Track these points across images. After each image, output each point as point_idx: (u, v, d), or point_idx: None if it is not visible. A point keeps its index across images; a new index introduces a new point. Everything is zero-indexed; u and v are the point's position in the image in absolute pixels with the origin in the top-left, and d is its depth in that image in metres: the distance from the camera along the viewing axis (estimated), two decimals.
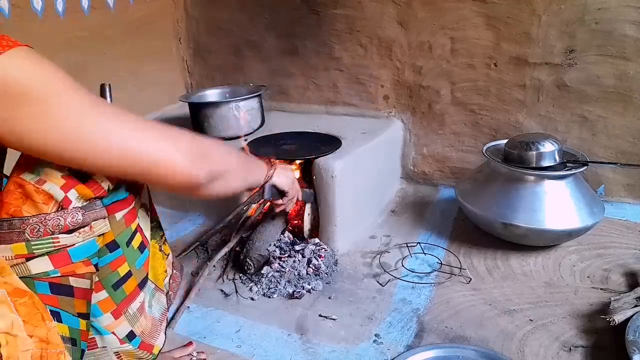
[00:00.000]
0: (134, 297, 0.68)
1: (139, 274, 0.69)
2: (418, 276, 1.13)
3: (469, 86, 1.48)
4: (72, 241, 0.58)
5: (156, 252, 0.77)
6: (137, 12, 1.68)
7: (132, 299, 0.67)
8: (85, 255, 0.60)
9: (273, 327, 0.98)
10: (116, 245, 0.64)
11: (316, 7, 1.60)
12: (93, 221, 0.60)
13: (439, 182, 1.64)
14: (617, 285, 1.05)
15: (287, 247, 1.21)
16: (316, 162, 1.21)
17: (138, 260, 0.68)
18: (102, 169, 0.58)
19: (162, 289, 0.78)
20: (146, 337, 0.70)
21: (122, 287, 0.65)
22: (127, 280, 0.66)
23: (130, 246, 0.66)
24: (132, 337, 0.68)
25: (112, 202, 0.62)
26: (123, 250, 0.65)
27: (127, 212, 0.64)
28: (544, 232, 1.11)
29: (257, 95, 1.47)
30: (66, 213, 0.57)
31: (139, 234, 0.68)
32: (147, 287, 0.73)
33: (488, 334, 0.93)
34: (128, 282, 0.66)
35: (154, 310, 0.74)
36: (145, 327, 0.70)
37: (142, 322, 0.70)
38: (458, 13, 1.41)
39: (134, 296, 0.67)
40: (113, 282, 0.65)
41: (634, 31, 1.25)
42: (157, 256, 0.77)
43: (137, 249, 0.68)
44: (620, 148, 1.37)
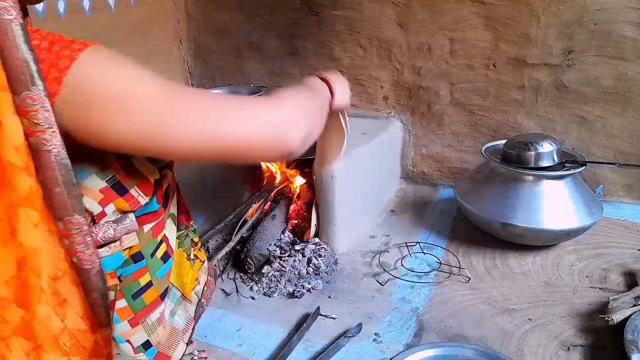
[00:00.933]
0: (155, 307, 0.66)
1: (161, 284, 0.67)
2: (417, 275, 1.13)
3: (468, 87, 1.48)
4: (100, 255, 0.57)
5: (183, 261, 0.75)
6: (138, 13, 1.68)
7: (152, 309, 0.66)
8: (110, 268, 0.59)
9: (273, 326, 0.99)
10: (141, 256, 0.63)
11: (316, 8, 1.61)
12: (124, 235, 0.59)
13: (438, 182, 1.64)
14: (615, 285, 1.05)
15: (288, 246, 1.21)
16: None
17: (160, 270, 0.67)
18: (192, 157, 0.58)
19: (190, 298, 0.76)
20: (163, 347, 0.69)
21: (141, 296, 0.64)
22: (148, 290, 0.65)
23: (155, 257, 0.65)
24: (147, 346, 0.66)
25: (142, 214, 0.61)
26: (147, 262, 0.64)
27: (155, 224, 0.63)
28: (543, 232, 1.12)
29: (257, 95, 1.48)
30: (98, 228, 0.56)
31: (164, 244, 0.67)
32: (172, 296, 0.72)
33: (487, 333, 0.93)
34: (148, 292, 0.65)
35: (178, 320, 0.73)
36: (162, 337, 0.69)
37: (160, 333, 0.68)
38: (457, 14, 1.42)
39: (155, 306, 0.66)
40: (133, 292, 0.63)
41: (632, 32, 1.25)
42: (184, 264, 0.75)
43: (160, 259, 0.67)
44: (618, 148, 1.37)
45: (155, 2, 1.75)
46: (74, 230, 0.53)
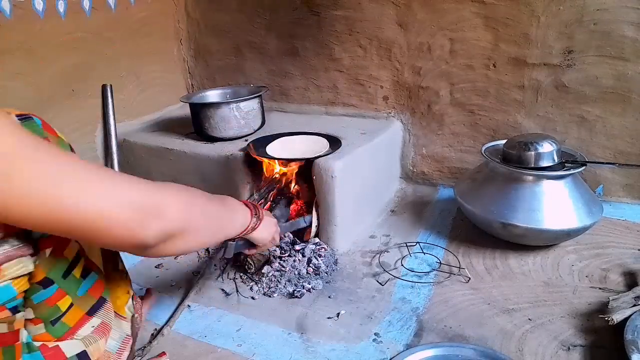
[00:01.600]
0: (82, 324, 0.62)
1: (85, 302, 0.62)
2: (417, 275, 1.13)
3: (468, 87, 1.48)
4: None
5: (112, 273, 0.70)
6: (138, 13, 1.69)
7: (78, 327, 0.62)
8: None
9: (273, 326, 0.99)
10: (50, 281, 0.57)
11: (316, 9, 1.61)
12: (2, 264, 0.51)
13: (438, 182, 1.64)
14: (615, 285, 1.05)
15: (288, 246, 1.21)
16: (316, 162, 1.22)
17: (80, 288, 0.62)
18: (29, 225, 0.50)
19: (122, 314, 0.70)
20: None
21: (61, 321, 0.60)
22: (69, 311, 0.60)
23: (70, 276, 0.60)
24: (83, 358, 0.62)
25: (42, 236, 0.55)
26: (59, 284, 0.58)
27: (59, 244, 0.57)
28: (543, 232, 1.12)
29: (257, 96, 1.48)
30: None
31: (82, 260, 0.62)
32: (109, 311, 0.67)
33: (487, 333, 0.93)
34: (69, 313, 0.60)
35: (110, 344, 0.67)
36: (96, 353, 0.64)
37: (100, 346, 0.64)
38: (457, 14, 1.42)
39: (82, 324, 0.62)
40: (52, 318, 0.59)
41: (632, 32, 1.25)
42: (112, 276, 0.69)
43: (79, 277, 0.61)
44: (618, 148, 1.37)
45: (155, 2, 1.76)
46: None
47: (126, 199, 0.53)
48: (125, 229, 0.53)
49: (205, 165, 1.42)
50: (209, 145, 1.45)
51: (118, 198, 0.52)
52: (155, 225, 0.55)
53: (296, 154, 1.30)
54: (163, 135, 1.58)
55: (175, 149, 1.47)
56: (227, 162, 1.37)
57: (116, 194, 0.52)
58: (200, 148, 1.44)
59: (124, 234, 0.53)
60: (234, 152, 1.36)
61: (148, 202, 0.55)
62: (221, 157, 1.38)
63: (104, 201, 0.51)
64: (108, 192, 0.52)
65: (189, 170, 1.47)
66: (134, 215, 0.53)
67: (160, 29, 1.81)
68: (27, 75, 1.32)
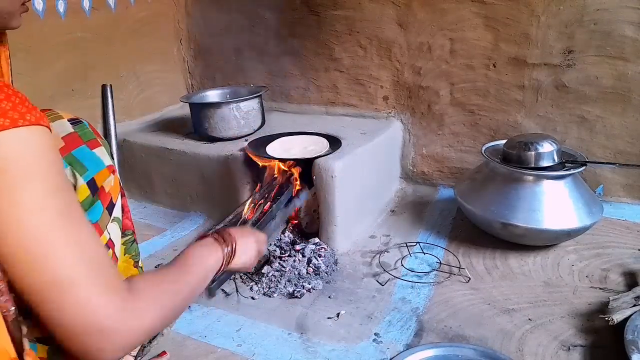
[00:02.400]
0: None
1: None
2: (417, 275, 1.13)
3: (468, 87, 1.48)
4: None
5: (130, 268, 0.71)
6: (138, 13, 1.69)
7: None
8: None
9: (273, 326, 0.99)
10: None
11: (316, 9, 1.61)
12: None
13: (438, 182, 1.64)
14: (615, 285, 1.05)
15: (288, 246, 1.22)
16: (316, 162, 1.22)
17: None
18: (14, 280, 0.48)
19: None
20: None
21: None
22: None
23: None
24: None
25: None
26: None
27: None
28: (543, 232, 1.12)
29: (257, 96, 1.48)
30: None
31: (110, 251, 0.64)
32: None
33: (487, 333, 0.93)
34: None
35: None
36: None
37: None
38: (457, 14, 1.42)
39: None
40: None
41: (632, 32, 1.25)
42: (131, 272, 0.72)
43: None
44: (618, 148, 1.37)
45: (155, 2, 1.76)
46: None
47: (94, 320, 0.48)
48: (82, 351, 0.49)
49: (205, 165, 1.42)
50: (209, 145, 1.45)
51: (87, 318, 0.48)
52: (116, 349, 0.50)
53: (296, 154, 1.30)
54: (163, 135, 1.58)
55: (175, 149, 1.47)
56: (227, 162, 1.37)
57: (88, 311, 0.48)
58: (200, 148, 1.44)
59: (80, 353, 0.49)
60: (234, 152, 1.36)
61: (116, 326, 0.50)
62: (221, 157, 1.38)
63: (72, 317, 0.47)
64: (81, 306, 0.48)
65: (189, 170, 1.47)
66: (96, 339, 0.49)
67: (160, 29, 1.81)
68: (27, 75, 1.32)
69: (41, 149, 0.49)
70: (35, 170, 0.48)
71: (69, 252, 0.48)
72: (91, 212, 0.61)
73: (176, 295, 0.62)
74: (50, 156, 0.50)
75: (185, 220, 1.49)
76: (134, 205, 1.60)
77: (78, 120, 0.63)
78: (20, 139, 0.47)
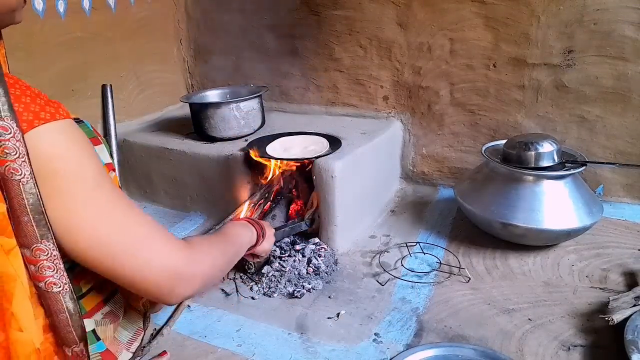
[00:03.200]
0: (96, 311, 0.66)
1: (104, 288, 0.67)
2: (417, 275, 1.13)
3: (468, 87, 1.48)
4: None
5: None
6: (138, 13, 1.69)
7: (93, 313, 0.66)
8: None
9: (273, 326, 0.99)
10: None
11: (316, 9, 1.61)
12: None
13: (438, 182, 1.64)
14: (615, 285, 1.05)
15: (288, 246, 1.22)
16: (316, 162, 1.22)
17: None
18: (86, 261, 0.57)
19: (137, 306, 0.74)
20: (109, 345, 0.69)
21: (80, 301, 0.63)
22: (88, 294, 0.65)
23: None
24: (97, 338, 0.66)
25: None
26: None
27: None
28: (543, 232, 1.12)
29: (257, 96, 1.48)
30: None
31: None
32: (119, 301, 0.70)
33: (487, 333, 0.93)
34: (89, 296, 0.65)
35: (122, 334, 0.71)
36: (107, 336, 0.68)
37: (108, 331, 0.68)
38: (457, 14, 1.42)
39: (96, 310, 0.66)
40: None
41: (632, 32, 1.25)
42: None
43: None
44: (618, 148, 1.37)
45: (155, 2, 1.76)
46: (42, 257, 0.52)
47: (166, 266, 0.60)
48: (156, 292, 0.61)
49: (205, 165, 1.42)
50: (209, 145, 1.45)
51: (160, 265, 0.60)
52: (182, 292, 0.63)
53: (296, 154, 1.30)
54: (163, 135, 1.58)
55: (175, 149, 1.47)
56: (227, 162, 1.37)
57: (160, 260, 0.60)
58: (200, 148, 1.44)
59: (153, 294, 0.61)
60: (234, 152, 1.36)
61: (182, 272, 0.62)
62: (221, 157, 1.38)
63: (148, 267, 0.58)
64: (154, 257, 0.59)
65: (189, 170, 1.47)
66: (167, 283, 0.61)
67: (160, 29, 1.81)
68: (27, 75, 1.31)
69: (81, 139, 0.56)
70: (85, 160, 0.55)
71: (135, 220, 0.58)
72: None
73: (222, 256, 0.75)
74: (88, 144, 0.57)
75: (185, 220, 1.49)
76: None
77: (79, 120, 0.65)
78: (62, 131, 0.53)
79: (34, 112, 0.51)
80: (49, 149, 0.51)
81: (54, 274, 0.54)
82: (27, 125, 0.50)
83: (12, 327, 0.51)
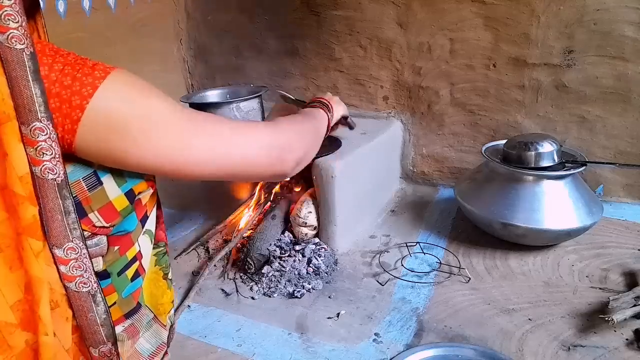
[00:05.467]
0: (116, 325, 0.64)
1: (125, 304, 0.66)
2: (417, 275, 1.13)
3: (468, 87, 1.48)
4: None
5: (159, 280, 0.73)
6: (138, 13, 1.69)
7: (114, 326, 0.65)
8: None
9: (273, 326, 0.99)
10: (107, 274, 0.61)
11: (316, 9, 1.61)
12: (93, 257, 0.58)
13: (438, 182, 1.64)
14: (615, 285, 1.05)
15: (288, 246, 1.21)
16: (316, 162, 1.22)
17: (126, 289, 0.65)
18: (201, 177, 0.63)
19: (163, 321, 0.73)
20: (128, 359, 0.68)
21: None
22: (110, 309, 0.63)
23: (123, 275, 0.63)
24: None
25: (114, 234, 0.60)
26: (112, 280, 0.62)
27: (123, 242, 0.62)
28: (543, 232, 1.12)
29: (257, 96, 1.47)
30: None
31: (137, 262, 0.65)
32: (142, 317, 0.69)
33: (487, 333, 0.93)
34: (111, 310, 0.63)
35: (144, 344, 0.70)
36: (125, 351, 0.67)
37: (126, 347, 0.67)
38: (457, 14, 1.42)
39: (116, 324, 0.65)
40: None
41: (632, 32, 1.25)
42: (159, 284, 0.73)
43: (129, 278, 0.65)
44: (618, 148, 1.37)
45: (155, 2, 1.76)
46: (73, 256, 0.53)
47: (263, 144, 0.66)
48: (269, 166, 0.67)
49: None
50: None
51: (257, 144, 0.66)
52: (290, 157, 0.70)
53: None
54: None
55: None
56: None
57: (254, 140, 0.66)
58: None
59: (268, 170, 0.68)
60: None
61: (278, 142, 0.69)
62: None
63: (247, 149, 0.64)
64: (248, 141, 0.65)
65: None
66: (272, 154, 0.68)
67: (160, 29, 1.81)
68: None
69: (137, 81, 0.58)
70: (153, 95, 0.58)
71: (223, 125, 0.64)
72: (127, 221, 0.61)
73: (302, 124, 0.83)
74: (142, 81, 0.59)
75: (185, 219, 1.49)
76: None
77: None
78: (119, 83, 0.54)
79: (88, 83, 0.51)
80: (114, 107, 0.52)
81: (84, 274, 0.54)
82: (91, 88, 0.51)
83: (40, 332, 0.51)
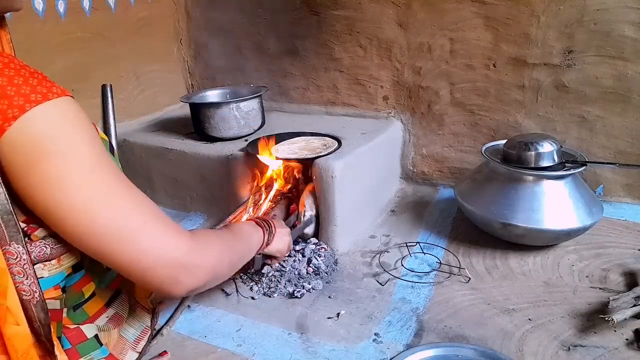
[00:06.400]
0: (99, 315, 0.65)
1: (105, 293, 0.66)
2: (417, 275, 1.13)
3: (468, 87, 1.48)
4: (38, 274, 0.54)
5: None
6: (138, 13, 1.69)
7: (96, 317, 0.65)
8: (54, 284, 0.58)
9: (273, 326, 0.99)
10: (80, 266, 0.61)
11: (316, 8, 1.61)
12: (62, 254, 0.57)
13: (438, 182, 1.64)
14: (615, 285, 1.05)
15: None
16: (316, 162, 1.22)
17: (104, 278, 0.65)
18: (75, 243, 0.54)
19: (145, 305, 0.73)
20: (113, 350, 0.67)
21: (82, 307, 0.63)
22: (91, 300, 0.64)
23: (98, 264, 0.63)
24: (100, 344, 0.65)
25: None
26: (87, 270, 0.61)
27: None
28: (543, 232, 1.12)
29: (257, 95, 1.48)
30: (33, 247, 0.54)
31: None
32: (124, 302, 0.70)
33: (487, 333, 0.93)
34: (91, 302, 0.64)
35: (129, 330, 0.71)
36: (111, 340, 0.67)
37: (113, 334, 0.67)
38: (457, 14, 1.42)
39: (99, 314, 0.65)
40: (75, 304, 0.62)
41: (632, 32, 1.25)
42: None
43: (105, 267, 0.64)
44: (618, 148, 1.37)
45: (155, 2, 1.76)
46: (12, 260, 0.50)
47: (170, 257, 0.56)
48: (157, 282, 0.56)
49: (205, 165, 1.42)
50: (209, 145, 1.45)
51: (159, 254, 0.55)
52: (186, 283, 0.58)
53: (296, 154, 1.30)
54: (163, 135, 1.58)
55: (175, 149, 1.47)
56: (227, 162, 1.37)
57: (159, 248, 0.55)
58: (200, 148, 1.44)
59: (154, 285, 0.57)
60: (234, 152, 1.36)
61: (184, 262, 0.58)
62: (221, 157, 1.38)
63: (143, 256, 0.54)
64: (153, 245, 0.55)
65: (189, 170, 1.47)
66: (171, 273, 0.57)
67: (160, 29, 1.81)
68: None
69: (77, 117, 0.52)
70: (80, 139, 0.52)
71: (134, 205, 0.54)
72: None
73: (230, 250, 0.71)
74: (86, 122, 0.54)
75: (185, 220, 1.49)
76: None
77: None
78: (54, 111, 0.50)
79: (25, 95, 0.48)
80: (40, 132, 0.48)
81: (24, 280, 0.51)
82: (18, 110, 0.47)
83: (8, 322, 0.50)
